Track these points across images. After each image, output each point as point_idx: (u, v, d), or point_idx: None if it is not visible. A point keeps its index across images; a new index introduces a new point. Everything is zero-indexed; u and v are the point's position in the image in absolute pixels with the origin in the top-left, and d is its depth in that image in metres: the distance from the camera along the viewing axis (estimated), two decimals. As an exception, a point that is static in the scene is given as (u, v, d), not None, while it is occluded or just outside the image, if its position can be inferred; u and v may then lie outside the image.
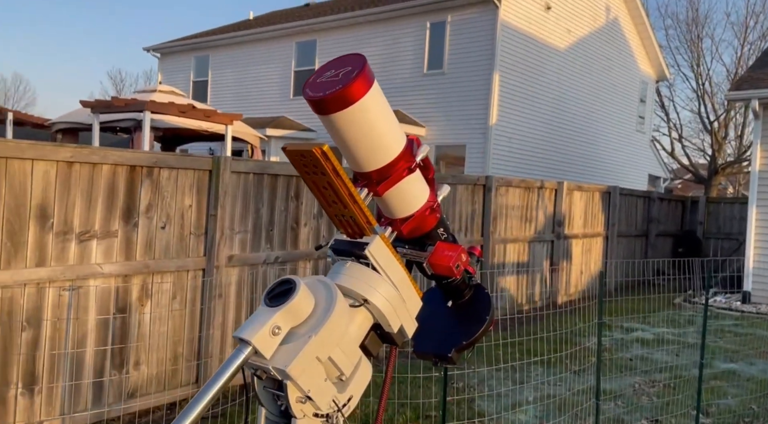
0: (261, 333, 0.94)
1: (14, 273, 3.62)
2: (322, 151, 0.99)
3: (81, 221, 3.91)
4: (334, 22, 16.49)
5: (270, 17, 20.50)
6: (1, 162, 3.55)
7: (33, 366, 3.77)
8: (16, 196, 3.62)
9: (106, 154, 3.99)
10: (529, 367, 5.67)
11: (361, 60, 1.04)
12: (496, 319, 1.45)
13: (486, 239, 7.87)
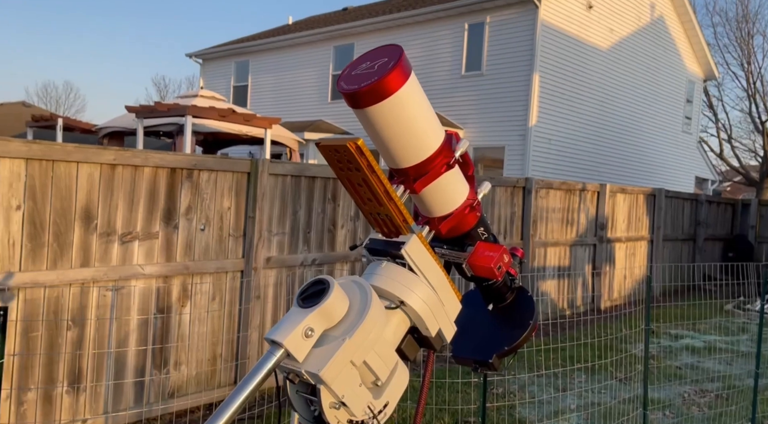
0: (293, 335, 0.91)
1: (60, 273, 3.71)
2: (357, 145, 0.95)
3: (123, 222, 3.98)
4: (371, 25, 16.52)
5: (308, 22, 20.69)
6: (48, 165, 3.64)
7: (77, 365, 3.85)
8: (62, 198, 3.71)
9: (148, 156, 4.05)
10: (572, 373, 5.52)
11: (398, 51, 0.99)
12: (538, 323, 1.38)
13: (526, 242, 7.72)
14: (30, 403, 3.68)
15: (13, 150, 3.47)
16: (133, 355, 4.09)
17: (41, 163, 3.60)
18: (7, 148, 3.45)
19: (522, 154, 13.93)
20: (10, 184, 3.49)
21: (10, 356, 3.53)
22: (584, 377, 5.51)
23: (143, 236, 4.09)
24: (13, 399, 3.61)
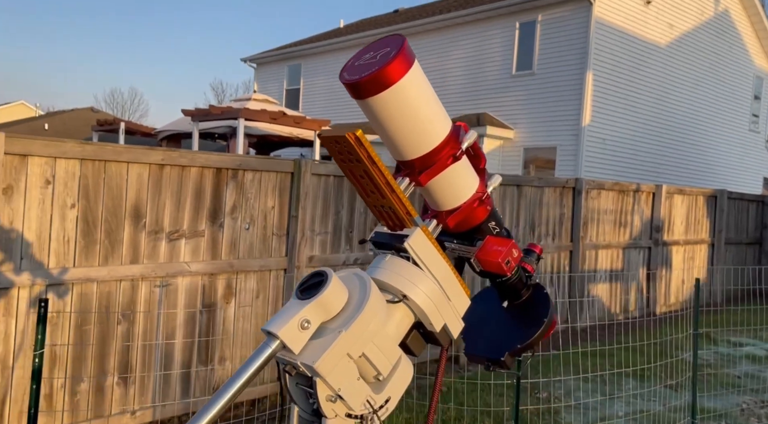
0: (289, 327, 0.91)
1: (111, 269, 3.86)
2: (356, 136, 0.94)
3: (170, 220, 4.11)
4: (420, 26, 16.50)
5: (359, 25, 20.85)
6: (100, 165, 3.79)
7: (127, 357, 3.99)
8: (113, 197, 3.86)
9: (194, 157, 4.17)
10: (621, 379, 5.34)
11: (400, 40, 0.98)
12: (556, 322, 1.34)
13: (576, 244, 7.52)
14: (83, 393, 3.84)
15: (67, 151, 3.64)
16: (180, 349, 4.21)
17: (94, 164, 3.76)
18: (62, 149, 3.62)
19: (575, 154, 13.60)
20: (65, 183, 3.66)
21: (63, 345, 3.70)
22: (633, 383, 5.32)
23: (189, 234, 4.21)
24: (67, 389, 3.78)
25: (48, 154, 3.57)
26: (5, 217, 3.45)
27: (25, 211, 3.53)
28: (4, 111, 34.35)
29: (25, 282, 3.54)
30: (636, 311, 8.69)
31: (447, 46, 16.02)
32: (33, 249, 3.59)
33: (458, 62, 15.74)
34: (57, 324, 3.69)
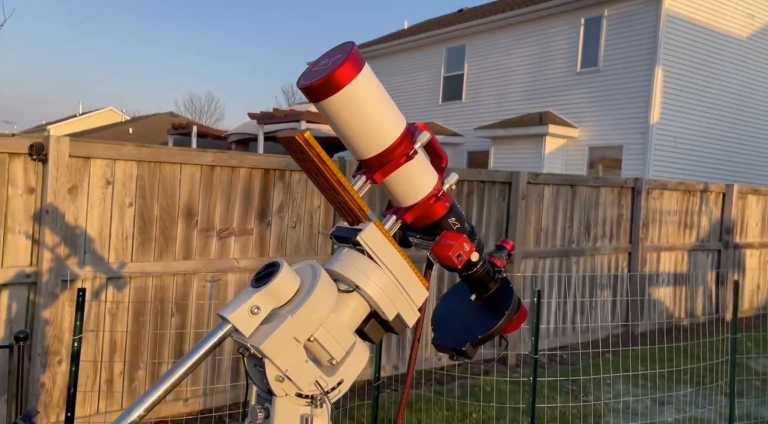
0: (239, 312, 1.00)
1: (165, 264, 4.12)
2: (305, 138, 1.03)
3: (221, 219, 4.34)
4: (483, 25, 16.37)
5: (423, 26, 20.91)
6: (155, 166, 4.06)
7: (181, 346, 4.25)
8: (168, 196, 4.12)
9: (243, 158, 4.38)
10: (677, 385, 5.15)
11: (349, 46, 1.06)
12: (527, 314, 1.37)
13: (634, 245, 7.29)
14: (140, 380, 4.12)
15: (126, 153, 3.92)
16: (229, 341, 4.42)
17: (150, 165, 4.03)
18: (121, 151, 3.91)
19: (642, 153, 13.11)
20: (124, 183, 3.94)
21: (123, 332, 3.99)
22: (690, 390, 5.12)
23: (239, 232, 4.42)
24: (126, 376, 4.07)
25: (108, 157, 3.86)
26: (70, 215, 3.76)
27: (88, 209, 3.83)
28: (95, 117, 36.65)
29: (88, 275, 3.84)
30: (703, 316, 8.30)
31: (510, 45, 15.82)
32: (95, 245, 3.89)
33: (521, 60, 15.51)
34: (116, 315, 3.98)
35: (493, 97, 16.08)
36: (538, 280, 6.38)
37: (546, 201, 6.40)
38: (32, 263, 3.66)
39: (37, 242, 3.66)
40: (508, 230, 6.04)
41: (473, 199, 5.80)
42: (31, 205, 3.64)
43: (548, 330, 6.50)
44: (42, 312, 3.66)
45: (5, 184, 3.56)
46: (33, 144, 3.60)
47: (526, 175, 6.11)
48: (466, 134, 16.39)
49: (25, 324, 3.67)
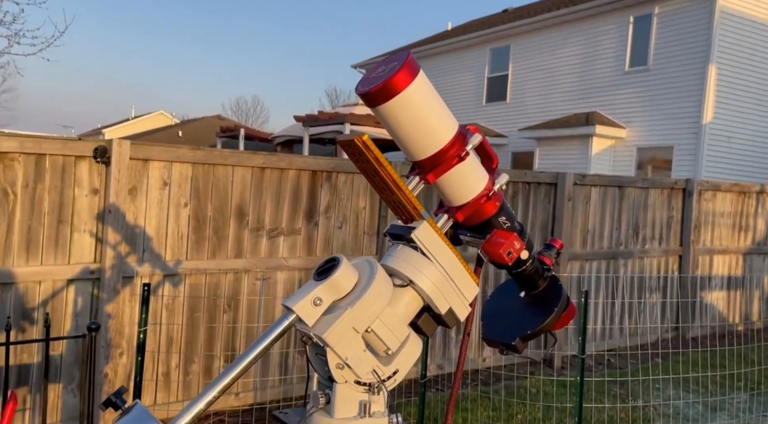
0: (303, 303, 1.08)
1: (218, 262, 4.27)
2: (363, 141, 1.10)
3: (270, 219, 4.47)
4: (527, 25, 16.21)
5: (467, 27, 20.83)
6: (209, 168, 4.22)
7: (232, 342, 4.40)
8: (220, 197, 4.28)
9: (292, 160, 4.51)
10: (730, 391, 5.03)
11: (405, 55, 1.12)
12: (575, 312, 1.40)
13: (685, 248, 7.12)
14: (194, 374, 4.29)
15: (181, 156, 4.10)
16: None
17: (204, 167, 4.20)
18: (177, 154, 4.08)
19: (694, 154, 12.74)
20: (179, 185, 4.12)
21: (178, 325, 4.16)
22: (744, 397, 4.98)
23: (287, 231, 4.55)
24: (181, 369, 4.24)
25: (165, 159, 4.04)
26: (130, 214, 3.96)
27: (147, 209, 4.02)
28: (147, 120, 37.89)
29: (146, 272, 4.02)
30: (760, 322, 8.04)
31: (556, 44, 15.62)
32: (153, 243, 4.08)
33: (567, 60, 15.29)
34: (172, 310, 4.15)
35: (538, 97, 15.91)
36: (585, 281, 6.31)
37: (593, 202, 6.33)
38: (96, 260, 3.86)
39: (100, 240, 3.86)
40: (554, 231, 6.00)
41: (518, 200, 5.79)
42: (94, 205, 3.84)
43: (595, 333, 6.42)
44: (105, 307, 3.86)
45: (72, 185, 3.77)
46: (97, 147, 3.80)
47: (572, 176, 6.06)
48: (510, 135, 16.26)
49: (90, 317, 3.87)
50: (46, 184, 3.69)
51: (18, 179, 3.61)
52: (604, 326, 6.53)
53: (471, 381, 5.31)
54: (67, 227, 3.77)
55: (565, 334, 6.11)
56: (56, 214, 3.73)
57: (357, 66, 22.27)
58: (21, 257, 3.65)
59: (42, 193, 3.68)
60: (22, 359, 3.68)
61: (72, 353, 3.84)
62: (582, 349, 3.21)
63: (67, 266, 3.77)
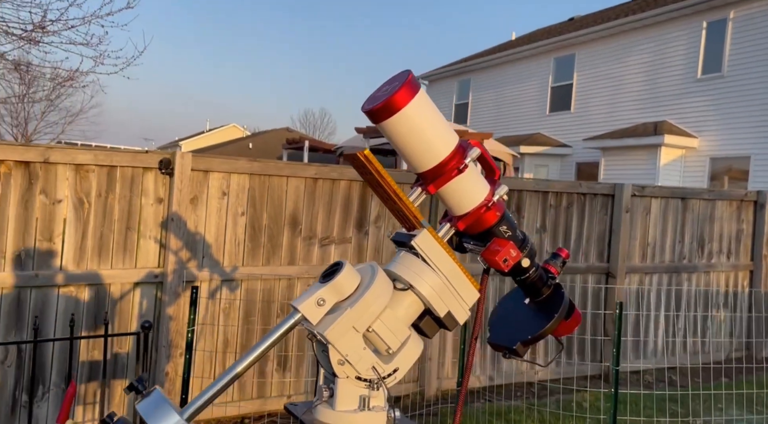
0: (307, 303, 1.18)
1: (272, 269, 4.47)
2: (365, 155, 1.20)
3: (322, 228, 4.63)
4: (594, 33, 15.88)
5: (531, 36, 20.61)
6: (265, 179, 4.43)
7: (285, 348, 4.57)
8: (275, 206, 4.48)
9: (343, 171, 4.66)
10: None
11: (406, 75, 1.21)
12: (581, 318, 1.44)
13: (757, 263, 6.78)
14: (248, 375, 4.48)
15: (239, 167, 4.33)
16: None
17: (260, 178, 4.41)
18: (235, 165, 4.31)
19: (772, 164, 12.08)
20: (237, 194, 4.34)
21: (233, 327, 4.37)
22: (815, 423, 4.70)
23: (339, 240, 4.70)
24: (237, 369, 4.45)
25: (224, 170, 4.28)
26: (191, 222, 4.21)
27: (206, 217, 4.26)
28: (220, 133, 39.42)
29: (205, 277, 4.26)
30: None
31: (623, 52, 15.22)
32: (212, 250, 4.32)
33: (635, 68, 14.86)
34: (228, 313, 4.37)
35: (604, 106, 15.52)
36: (645, 295, 6.13)
37: (653, 214, 6.15)
38: (159, 265, 4.13)
39: (163, 246, 4.13)
40: (611, 243, 5.88)
41: (573, 212, 5.72)
42: (159, 214, 4.12)
43: (656, 348, 6.22)
44: (167, 309, 4.12)
45: (139, 195, 4.06)
46: (162, 159, 4.08)
47: (631, 187, 5.92)
48: (574, 145, 15.92)
49: (153, 319, 4.14)
50: (116, 194, 3.99)
51: (92, 189, 3.93)
52: (666, 342, 6.31)
53: (521, 393, 5.27)
54: (134, 233, 4.06)
55: (623, 349, 5.95)
56: (125, 221, 4.02)
57: (419, 77, 22.44)
58: (94, 261, 3.96)
59: (113, 202, 3.98)
60: (93, 355, 3.98)
61: (136, 352, 4.11)
62: (616, 360, 3.16)
63: (134, 270, 4.06)
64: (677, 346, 6.37)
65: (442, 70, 21.44)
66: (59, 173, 3.81)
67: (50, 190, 3.80)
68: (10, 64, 9.28)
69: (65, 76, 9.86)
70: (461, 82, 20.59)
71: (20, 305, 3.74)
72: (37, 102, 18.61)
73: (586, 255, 5.79)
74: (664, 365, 6.09)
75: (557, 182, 5.92)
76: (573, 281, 5.69)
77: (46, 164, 3.77)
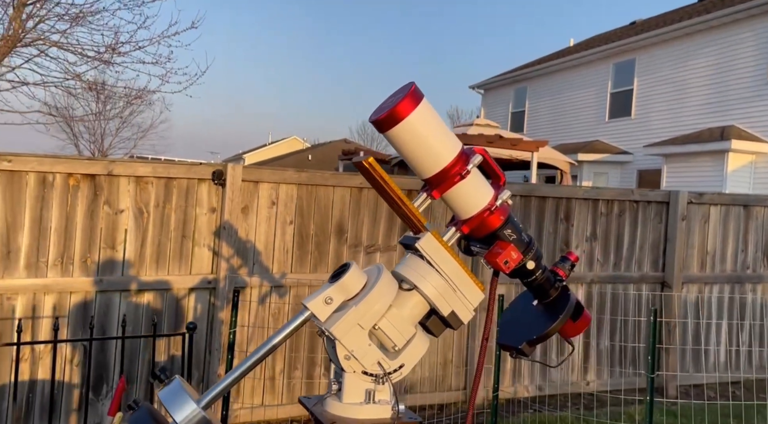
0: (316, 301, 1.27)
1: (319, 275, 4.59)
2: (369, 163, 1.27)
3: (367, 236, 4.73)
4: (657, 37, 15.41)
5: (589, 42, 20.20)
6: (312, 188, 4.58)
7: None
8: (322, 215, 4.61)
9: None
10: None
11: (409, 86, 1.28)
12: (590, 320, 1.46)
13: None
14: (297, 379, 4.62)
15: (287, 177, 4.49)
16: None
17: (307, 187, 4.56)
18: (283, 176, 4.48)
19: None
20: (285, 204, 4.51)
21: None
22: None
23: (384, 248, 4.78)
24: (285, 374, 4.59)
25: (273, 181, 4.45)
26: (243, 231, 4.40)
27: (256, 226, 4.44)
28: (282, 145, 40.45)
29: (255, 283, 4.44)
30: None
31: (686, 56, 14.70)
32: (261, 257, 4.49)
33: (699, 72, 14.31)
34: (278, 318, 4.53)
35: (666, 112, 15.00)
36: (704, 306, 5.91)
37: (712, 222, 5.93)
38: (212, 272, 4.34)
39: (216, 254, 4.34)
40: (666, 252, 5.71)
41: (625, 220, 5.59)
42: (212, 223, 4.33)
43: (717, 361, 5.97)
44: (219, 313, 4.32)
45: (194, 205, 4.29)
46: (214, 171, 4.30)
47: (687, 194, 5.74)
48: (635, 152, 15.45)
49: (207, 323, 4.34)
50: (173, 204, 4.23)
51: (151, 200, 4.18)
52: (728, 354, 6.05)
53: (572, 404, 5.18)
54: (189, 241, 4.28)
55: (682, 360, 5.75)
56: (180, 230, 4.25)
57: (475, 86, 22.36)
58: (152, 268, 4.20)
59: (169, 211, 4.22)
60: (151, 357, 4.22)
61: (194, 354, 4.31)
62: (652, 368, 3.08)
63: (189, 276, 4.28)
64: (741, 359, 6.09)
65: (498, 78, 21.29)
66: (121, 185, 4.08)
67: (113, 201, 4.07)
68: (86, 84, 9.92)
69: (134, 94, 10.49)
70: (517, 90, 20.37)
71: (86, 308, 4.01)
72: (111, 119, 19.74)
73: (639, 264, 5.65)
74: (728, 378, 5.83)
75: (608, 190, 5.81)
76: (626, 289, 5.56)
77: (110, 177, 4.05)
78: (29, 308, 3.88)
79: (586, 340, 5.47)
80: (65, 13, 8.05)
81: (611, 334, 5.56)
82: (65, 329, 3.94)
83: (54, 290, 3.93)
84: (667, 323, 5.61)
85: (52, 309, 3.93)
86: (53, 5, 7.81)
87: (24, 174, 3.85)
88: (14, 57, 8.14)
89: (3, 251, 3.81)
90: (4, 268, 3.82)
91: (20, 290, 3.85)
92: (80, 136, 24.72)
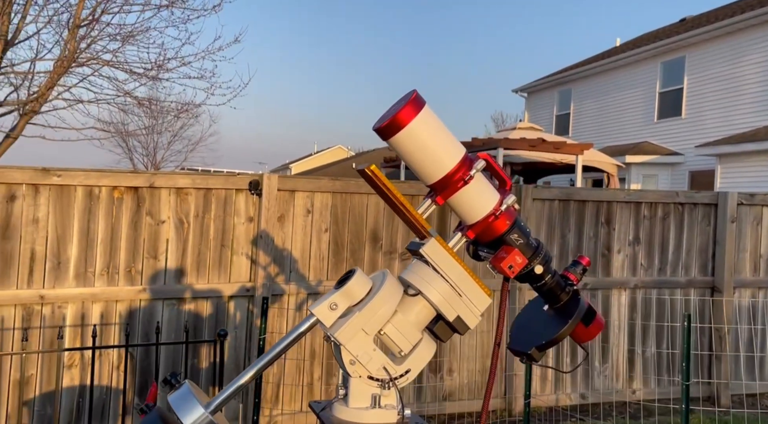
0: (321, 307, 1.29)
1: (356, 283, 4.63)
2: (372, 170, 1.29)
3: (402, 242, 4.74)
4: (707, 33, 14.90)
5: (636, 41, 19.69)
6: (346, 197, 4.63)
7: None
8: (356, 223, 4.65)
9: (421, 187, 4.75)
10: None
11: (411, 94, 1.29)
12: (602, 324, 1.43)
13: None
14: (334, 385, 4.66)
15: (322, 186, 4.55)
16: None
17: (342, 196, 4.61)
18: (318, 184, 4.54)
19: None
20: (321, 212, 4.57)
21: (321, 338, 4.57)
22: None
23: (419, 255, 4.78)
24: (323, 380, 4.64)
25: (308, 189, 4.52)
26: (279, 239, 4.48)
27: (292, 234, 4.52)
28: (327, 154, 40.93)
29: (292, 290, 4.51)
30: None
31: (739, 52, 14.14)
32: (298, 265, 4.56)
33: (752, 68, 13.74)
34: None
35: (719, 110, 14.46)
36: (760, 311, 5.65)
37: (765, 224, 5.68)
38: (250, 279, 4.43)
39: (254, 262, 4.43)
40: (716, 255, 5.49)
41: (669, 223, 5.42)
42: (249, 232, 4.43)
43: (774, 372, 5.69)
44: (256, 321, 4.40)
45: (232, 214, 4.40)
46: (251, 181, 4.40)
47: (737, 195, 5.52)
48: (686, 153, 14.94)
49: (246, 330, 4.43)
50: (212, 214, 4.35)
51: (191, 210, 4.31)
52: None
53: (618, 413, 5.04)
54: (228, 250, 4.38)
55: (735, 368, 5.52)
56: (219, 239, 4.36)
57: (518, 90, 22.11)
58: (193, 276, 4.33)
59: (209, 221, 4.34)
60: (193, 363, 4.34)
61: (233, 361, 4.41)
62: (686, 375, 2.97)
63: (228, 284, 4.38)
64: (800, 368, 5.79)
65: (542, 81, 20.99)
66: (162, 196, 4.22)
67: (155, 212, 4.21)
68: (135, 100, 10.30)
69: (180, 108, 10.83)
70: (562, 93, 20.02)
71: (131, 316, 4.16)
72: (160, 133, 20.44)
73: (686, 268, 5.46)
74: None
75: (651, 192, 5.65)
76: (672, 294, 5.37)
77: (152, 188, 4.20)
78: (78, 316, 4.05)
79: (630, 347, 5.32)
80: (117, 33, 8.40)
81: (657, 341, 5.39)
82: (112, 336, 4.10)
83: (101, 299, 4.09)
84: (717, 329, 5.40)
85: (100, 317, 4.09)
86: (104, 26, 8.16)
87: (72, 188, 4.03)
88: (69, 76, 8.54)
89: (54, 262, 4.00)
90: (55, 278, 4.01)
91: (70, 299, 4.03)
92: (134, 150, 25.70)
